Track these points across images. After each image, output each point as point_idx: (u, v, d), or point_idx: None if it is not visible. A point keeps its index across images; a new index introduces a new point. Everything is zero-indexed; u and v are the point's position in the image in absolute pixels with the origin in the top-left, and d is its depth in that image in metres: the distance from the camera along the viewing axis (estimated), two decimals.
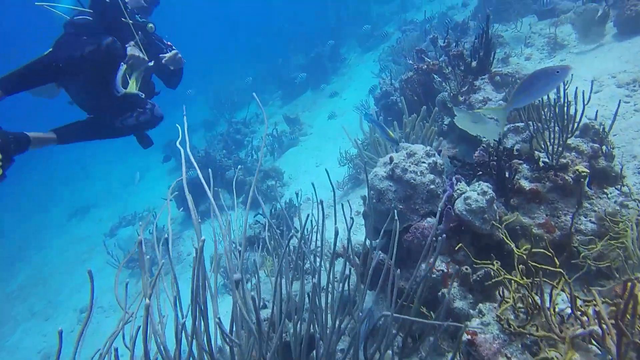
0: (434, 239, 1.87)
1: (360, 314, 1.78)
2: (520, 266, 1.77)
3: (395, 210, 2.01)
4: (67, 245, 10.23)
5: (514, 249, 1.91)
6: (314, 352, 1.87)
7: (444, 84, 3.91)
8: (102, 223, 10.66)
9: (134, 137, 3.10)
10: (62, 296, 7.74)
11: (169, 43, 3.15)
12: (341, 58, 11.81)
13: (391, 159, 2.36)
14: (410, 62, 5.04)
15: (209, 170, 2.40)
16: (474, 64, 3.63)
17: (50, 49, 2.44)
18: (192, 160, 1.85)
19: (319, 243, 4.08)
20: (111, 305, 6.33)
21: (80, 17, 2.69)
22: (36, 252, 10.93)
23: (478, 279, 2.00)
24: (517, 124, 2.60)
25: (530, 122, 2.39)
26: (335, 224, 1.85)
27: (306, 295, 1.99)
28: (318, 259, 3.18)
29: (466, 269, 2.01)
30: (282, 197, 6.51)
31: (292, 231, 2.39)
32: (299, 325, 1.81)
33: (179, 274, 6.04)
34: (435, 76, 4.11)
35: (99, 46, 2.47)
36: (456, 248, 2.09)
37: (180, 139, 1.85)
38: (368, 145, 5.71)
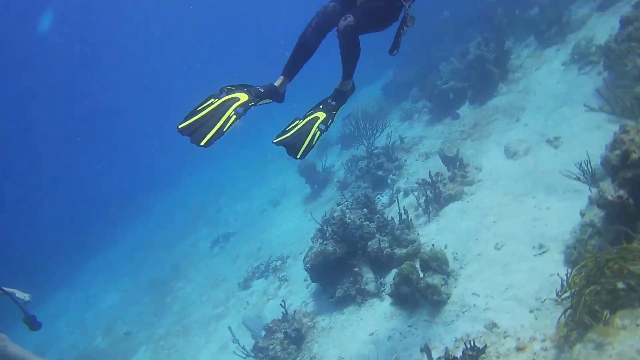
0: None
1: None
2: None
3: None
4: (207, 286, 9.99)
5: None
6: None
7: None
8: (238, 262, 10.17)
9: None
10: None
11: None
12: (510, 57, 9.03)
13: None
14: None
15: None
16: None
17: None
18: None
19: None
20: None
21: None
22: (184, 284, 11.09)
23: None
24: None
25: None
26: None
27: None
28: None
29: None
30: (448, 299, 4.59)
31: None
32: None
33: None
34: None
35: None
36: None
37: None
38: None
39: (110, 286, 14.47)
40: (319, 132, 3.24)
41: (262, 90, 2.96)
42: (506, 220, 5.22)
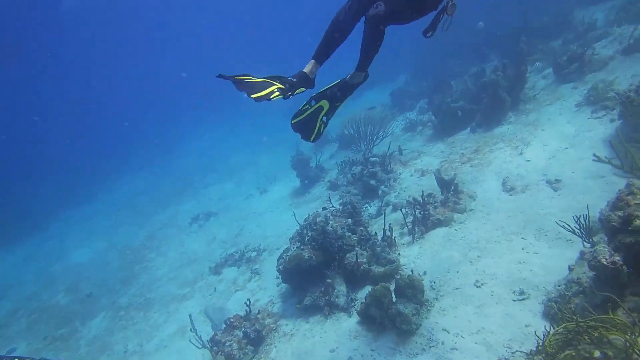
0: None
1: None
2: None
3: None
4: (178, 263, 9.76)
5: None
6: None
7: None
8: (214, 245, 9.95)
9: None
10: (151, 344, 6.99)
11: None
12: (524, 87, 8.78)
13: None
14: None
15: None
16: None
17: None
18: None
19: None
20: None
21: None
22: (155, 256, 10.84)
23: None
24: None
25: None
26: None
27: None
28: None
29: None
30: (417, 330, 4.39)
31: None
32: None
33: None
34: None
35: None
36: None
37: None
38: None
39: (84, 242, 14.21)
40: (323, 125, 3.51)
41: (294, 80, 3.00)
42: (491, 257, 5.01)
